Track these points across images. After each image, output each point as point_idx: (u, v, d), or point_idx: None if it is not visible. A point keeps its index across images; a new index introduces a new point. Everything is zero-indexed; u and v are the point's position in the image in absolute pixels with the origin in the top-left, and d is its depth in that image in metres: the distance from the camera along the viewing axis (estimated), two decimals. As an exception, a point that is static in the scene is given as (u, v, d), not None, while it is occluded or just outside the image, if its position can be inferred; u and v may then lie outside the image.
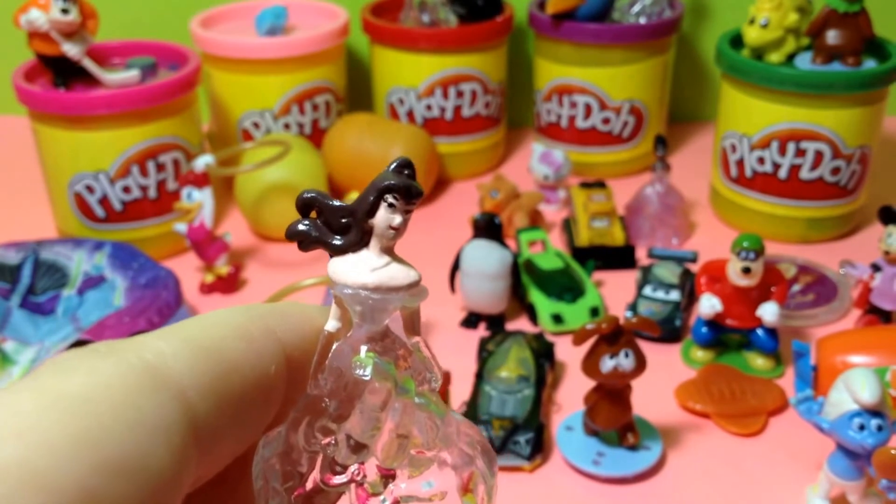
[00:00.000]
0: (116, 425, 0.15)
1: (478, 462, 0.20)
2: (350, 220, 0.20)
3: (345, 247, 0.20)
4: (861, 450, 0.53)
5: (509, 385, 0.67)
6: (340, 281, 0.20)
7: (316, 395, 0.20)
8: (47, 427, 0.15)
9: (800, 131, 0.85)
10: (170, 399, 0.17)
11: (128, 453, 0.15)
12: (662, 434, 0.64)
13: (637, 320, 0.60)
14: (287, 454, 0.20)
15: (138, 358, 0.17)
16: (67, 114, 0.82)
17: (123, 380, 0.16)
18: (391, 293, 0.19)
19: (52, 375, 0.16)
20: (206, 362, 0.18)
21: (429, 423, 0.20)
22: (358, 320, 0.20)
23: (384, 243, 0.20)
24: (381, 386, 0.19)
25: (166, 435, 0.16)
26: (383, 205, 0.19)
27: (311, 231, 0.20)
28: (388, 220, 0.19)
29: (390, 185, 0.19)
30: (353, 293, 0.19)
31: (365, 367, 0.19)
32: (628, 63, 0.98)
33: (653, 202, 0.89)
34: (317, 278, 0.67)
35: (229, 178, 0.95)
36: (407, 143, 0.95)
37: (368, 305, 0.19)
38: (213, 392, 0.18)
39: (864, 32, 0.84)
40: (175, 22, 1.10)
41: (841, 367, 0.60)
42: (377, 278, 0.19)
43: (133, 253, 0.79)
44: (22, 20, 0.80)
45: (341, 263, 0.20)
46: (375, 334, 0.20)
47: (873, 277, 0.74)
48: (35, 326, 0.75)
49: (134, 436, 0.16)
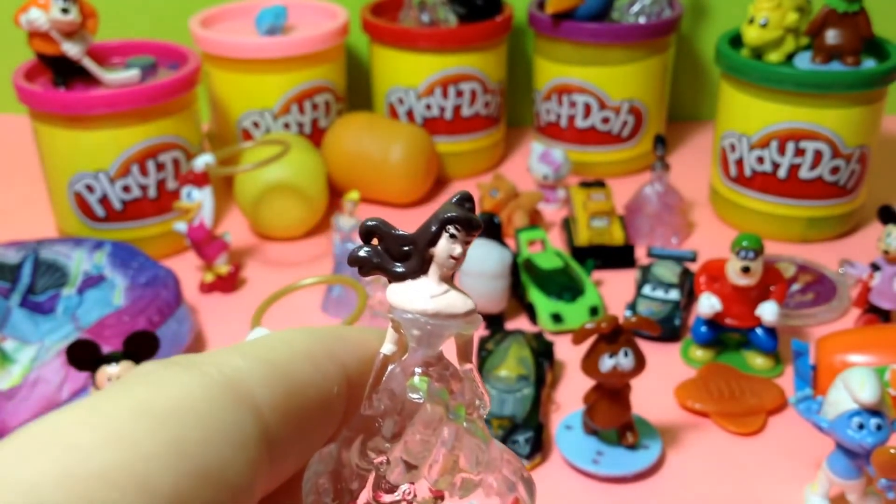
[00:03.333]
0: (202, 436, 0.16)
1: (520, 489, 0.21)
2: (411, 249, 0.20)
3: (405, 274, 0.20)
4: (860, 449, 0.53)
5: (509, 384, 0.67)
6: (400, 306, 0.20)
7: (369, 415, 0.20)
8: (144, 435, 0.16)
9: (799, 131, 0.85)
10: (247, 413, 0.18)
11: (212, 462, 0.16)
12: (662, 433, 0.64)
13: (636, 319, 0.60)
14: (338, 472, 0.20)
15: (219, 373, 0.18)
16: (67, 113, 0.82)
17: (207, 393, 0.17)
18: (449, 320, 0.20)
19: (142, 386, 0.17)
20: (278, 380, 0.19)
21: (476, 448, 0.20)
22: (414, 345, 0.20)
23: (443, 272, 0.20)
24: (433, 409, 0.20)
25: (244, 447, 0.17)
26: (445, 235, 0.20)
27: (373, 257, 0.21)
28: (450, 251, 0.20)
29: (453, 217, 0.20)
30: (413, 318, 0.20)
31: (419, 390, 0.20)
32: (628, 63, 0.99)
33: (652, 201, 0.89)
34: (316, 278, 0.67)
35: (229, 178, 0.95)
36: (407, 142, 0.95)
37: (427, 331, 0.20)
38: (283, 409, 0.19)
39: (863, 32, 0.84)
40: (175, 22, 1.10)
41: (840, 367, 0.60)
42: (436, 305, 0.20)
43: (133, 252, 0.79)
44: (22, 20, 0.80)
45: (400, 289, 0.20)
46: (430, 359, 0.21)
47: (872, 277, 0.74)
48: (35, 325, 0.75)
49: (217, 446, 0.16)
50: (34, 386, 0.65)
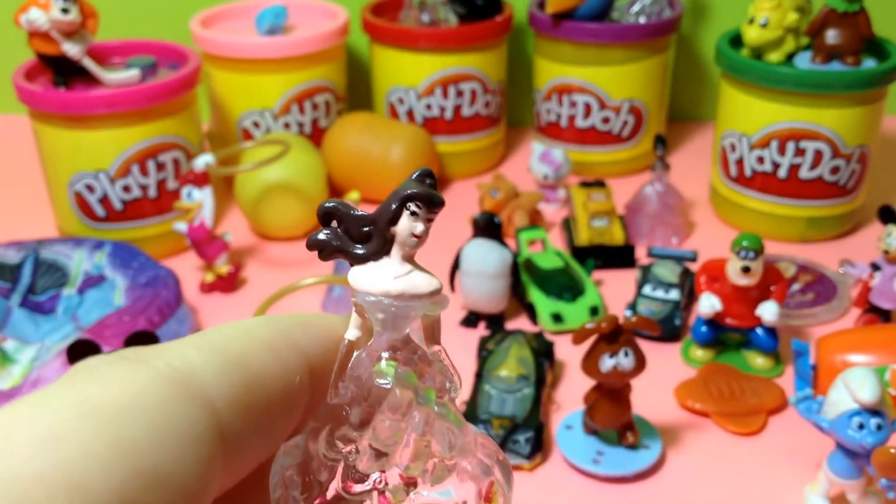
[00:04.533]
0: (150, 434, 0.16)
1: (496, 472, 0.20)
2: (371, 229, 0.20)
3: (367, 255, 0.20)
4: (860, 449, 0.53)
5: (509, 384, 0.67)
6: (362, 289, 0.20)
7: (336, 403, 0.20)
8: (86, 434, 0.15)
9: (799, 131, 0.85)
10: (200, 409, 0.17)
11: (161, 462, 0.15)
12: (662, 433, 0.64)
13: (637, 319, 0.60)
14: (306, 463, 0.20)
15: (169, 366, 0.17)
16: (68, 113, 0.82)
17: (155, 388, 0.16)
18: (413, 301, 0.20)
19: (86, 383, 0.16)
20: (234, 373, 0.18)
21: (448, 432, 0.20)
22: (379, 328, 0.20)
23: (406, 251, 0.20)
24: (402, 394, 0.19)
25: (196, 444, 0.16)
26: (406, 213, 0.19)
27: (332, 240, 0.20)
28: (411, 228, 0.19)
29: (413, 194, 0.19)
30: (376, 301, 0.19)
31: (386, 376, 0.19)
32: (628, 62, 0.99)
33: (652, 201, 0.89)
34: (316, 278, 0.67)
35: (229, 178, 0.95)
36: (407, 142, 0.95)
37: (391, 313, 0.20)
38: (240, 402, 0.18)
39: (863, 32, 0.84)
40: (175, 21, 1.10)
41: (840, 367, 0.60)
42: (400, 286, 0.19)
43: (133, 252, 0.79)
44: (22, 20, 0.80)
45: (363, 272, 0.20)
46: (396, 343, 0.20)
47: (873, 277, 0.75)
48: (35, 325, 0.75)
49: (167, 445, 0.16)
50: (34, 386, 0.65)
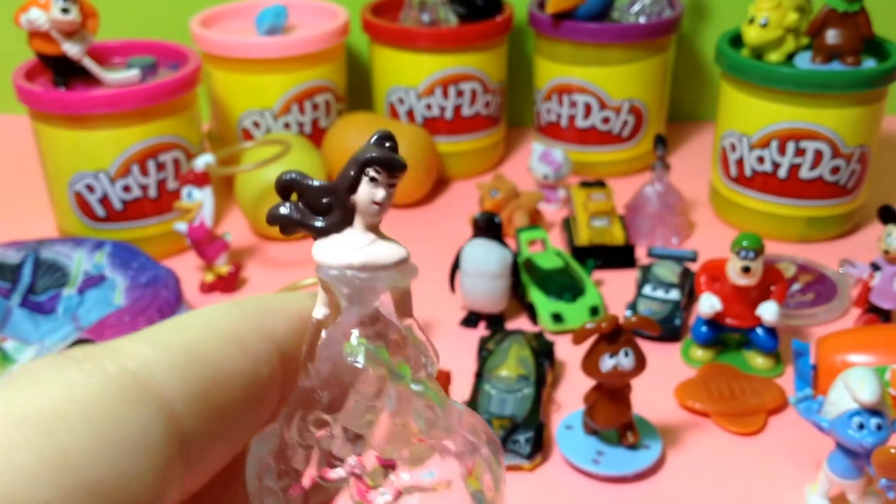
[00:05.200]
0: (94, 445, 0.14)
1: (482, 450, 0.19)
2: (332, 200, 0.19)
3: (328, 227, 0.19)
4: (860, 449, 0.53)
5: (509, 384, 0.67)
6: (325, 263, 0.19)
7: (308, 386, 0.19)
8: (15, 447, 0.13)
9: (799, 131, 0.85)
10: (154, 413, 0.15)
11: (107, 475, 0.14)
12: (662, 433, 0.64)
13: (637, 319, 0.60)
14: (282, 451, 0.19)
15: (119, 367, 0.15)
16: (68, 113, 0.82)
17: (102, 392, 0.15)
18: (379, 271, 0.19)
19: (22, 389, 0.14)
20: (194, 370, 0.16)
21: (427, 410, 0.19)
22: (346, 304, 0.19)
23: (368, 220, 0.19)
24: (374, 373, 0.18)
25: (150, 453, 0.15)
26: (365, 179, 0.18)
27: (293, 214, 0.19)
28: (371, 195, 0.19)
29: (371, 158, 0.18)
30: (339, 274, 0.18)
31: (356, 354, 0.18)
32: (628, 62, 0.99)
33: (652, 201, 0.89)
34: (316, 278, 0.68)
35: (229, 178, 0.95)
36: (407, 142, 0.95)
37: (356, 286, 0.18)
38: (202, 402, 0.16)
39: (863, 32, 0.84)
40: (175, 21, 1.10)
41: (840, 367, 0.60)
42: (363, 257, 0.18)
43: (133, 252, 0.79)
44: (22, 19, 0.80)
45: (325, 245, 0.19)
46: (366, 318, 0.19)
47: (873, 276, 0.75)
48: (35, 325, 0.75)
49: (114, 456, 0.14)
50: (35, 386, 0.65)
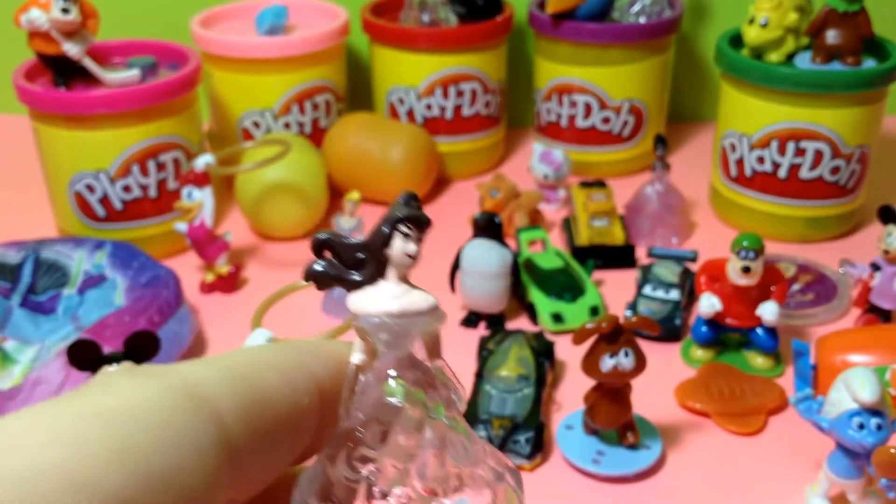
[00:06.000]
0: (153, 440, 0.16)
1: (507, 477, 0.21)
2: (365, 255, 0.21)
3: (364, 280, 0.21)
4: (861, 449, 0.53)
5: (509, 384, 0.67)
6: (364, 312, 0.20)
7: (349, 426, 0.20)
8: (88, 437, 0.16)
9: (799, 131, 0.86)
10: (206, 420, 0.17)
11: (162, 468, 0.16)
12: (662, 433, 0.64)
13: (637, 319, 0.60)
14: (327, 489, 0.20)
15: (178, 379, 0.18)
16: (68, 113, 0.82)
17: (162, 398, 0.17)
18: (414, 318, 0.20)
19: (95, 392, 0.17)
20: (243, 390, 0.19)
21: (460, 443, 0.20)
22: (384, 348, 0.20)
23: (401, 272, 0.21)
24: (412, 411, 0.20)
25: (201, 454, 0.17)
26: (398, 235, 0.20)
27: (329, 270, 0.21)
28: (405, 249, 0.20)
29: (404, 216, 0.20)
30: (379, 322, 0.20)
31: (395, 394, 0.20)
32: (628, 63, 0.99)
33: (653, 201, 0.89)
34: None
35: (229, 178, 0.95)
36: (407, 142, 0.95)
37: (394, 332, 0.20)
38: (248, 418, 0.18)
39: (863, 32, 0.84)
40: (175, 21, 1.10)
41: (840, 367, 0.60)
42: (400, 305, 0.20)
43: (133, 252, 0.79)
44: (22, 20, 0.80)
45: (361, 296, 0.21)
46: (401, 361, 0.20)
47: (873, 277, 0.75)
48: (36, 325, 0.75)
49: (169, 452, 0.16)
50: (35, 386, 0.65)
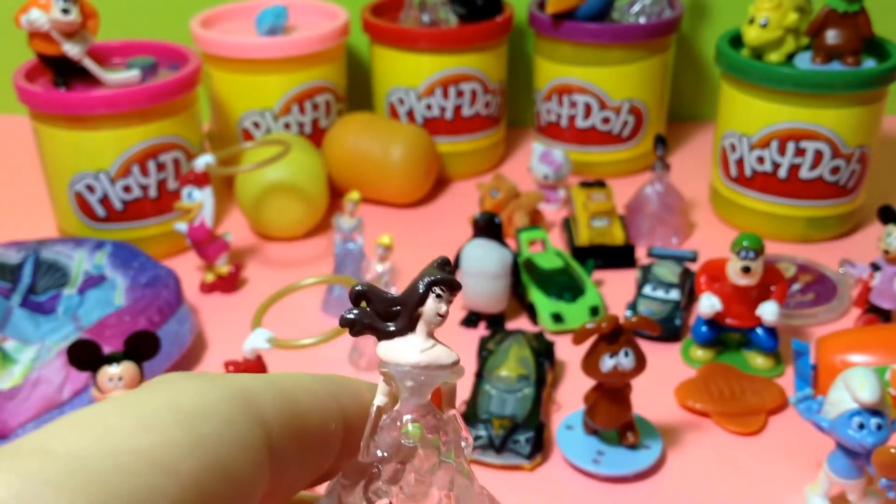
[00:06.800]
0: (218, 433, 0.19)
1: None
2: (399, 309, 0.23)
3: (396, 332, 0.23)
4: (860, 449, 0.53)
5: (509, 384, 0.67)
6: (393, 360, 0.23)
7: (367, 461, 0.23)
8: (170, 426, 0.18)
9: (799, 131, 0.86)
10: (255, 421, 0.20)
11: (225, 457, 0.19)
12: (662, 433, 0.64)
13: (637, 319, 0.60)
14: None
15: (235, 386, 0.20)
16: (68, 113, 0.83)
17: (222, 398, 0.20)
18: (438, 370, 0.23)
19: (167, 389, 0.20)
20: (284, 402, 0.21)
21: (465, 486, 0.23)
22: (406, 395, 0.23)
23: (430, 328, 0.23)
24: (426, 453, 0.22)
25: (251, 449, 0.20)
26: (431, 296, 0.22)
27: (364, 318, 0.23)
28: (437, 309, 0.23)
29: (439, 279, 0.23)
30: (407, 371, 0.22)
31: (412, 437, 0.22)
32: (628, 63, 0.99)
33: (652, 201, 0.89)
34: (317, 278, 0.67)
35: (229, 178, 0.95)
36: (407, 142, 0.95)
37: (419, 381, 0.22)
38: (287, 426, 0.21)
39: (863, 32, 0.84)
40: (175, 22, 1.10)
41: (840, 366, 0.60)
42: (427, 358, 0.22)
43: (133, 252, 0.79)
44: (23, 20, 0.80)
45: (391, 345, 0.23)
46: (420, 408, 0.23)
47: (873, 277, 0.75)
48: (36, 325, 0.75)
49: (229, 444, 0.19)
50: (35, 386, 0.65)
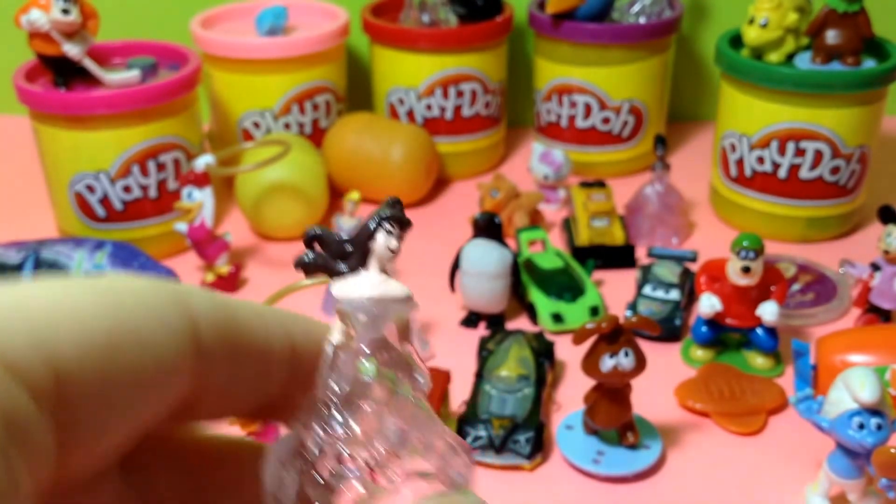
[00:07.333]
0: (134, 304, 0.20)
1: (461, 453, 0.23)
2: (351, 248, 0.23)
3: (350, 269, 0.23)
4: (860, 449, 0.53)
5: (509, 384, 0.67)
6: (346, 296, 0.23)
7: (325, 397, 0.23)
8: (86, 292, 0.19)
9: (799, 131, 0.86)
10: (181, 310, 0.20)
11: (143, 330, 0.19)
12: (662, 433, 0.64)
13: (637, 319, 0.60)
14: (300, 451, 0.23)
15: (171, 285, 0.21)
16: (68, 113, 0.83)
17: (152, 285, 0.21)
18: (391, 303, 0.23)
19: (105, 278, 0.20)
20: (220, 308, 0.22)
21: (423, 418, 0.23)
22: (361, 330, 0.23)
23: (382, 264, 0.23)
24: (382, 387, 0.23)
25: (171, 329, 0.20)
26: (382, 231, 0.23)
27: (317, 260, 0.24)
28: (387, 243, 0.23)
29: (389, 215, 0.23)
30: (360, 304, 0.23)
31: (368, 372, 0.23)
32: (628, 63, 0.99)
33: (652, 201, 0.89)
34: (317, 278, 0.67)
35: (229, 178, 0.95)
36: (407, 142, 0.95)
37: (373, 314, 0.23)
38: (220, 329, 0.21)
39: (863, 32, 0.84)
40: (175, 22, 1.10)
41: (840, 366, 0.60)
42: (379, 291, 0.23)
43: (133, 252, 0.79)
44: (23, 20, 0.80)
45: (344, 283, 0.23)
46: (375, 343, 0.23)
47: (873, 277, 0.75)
48: (36, 326, 0.75)
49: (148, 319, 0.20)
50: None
